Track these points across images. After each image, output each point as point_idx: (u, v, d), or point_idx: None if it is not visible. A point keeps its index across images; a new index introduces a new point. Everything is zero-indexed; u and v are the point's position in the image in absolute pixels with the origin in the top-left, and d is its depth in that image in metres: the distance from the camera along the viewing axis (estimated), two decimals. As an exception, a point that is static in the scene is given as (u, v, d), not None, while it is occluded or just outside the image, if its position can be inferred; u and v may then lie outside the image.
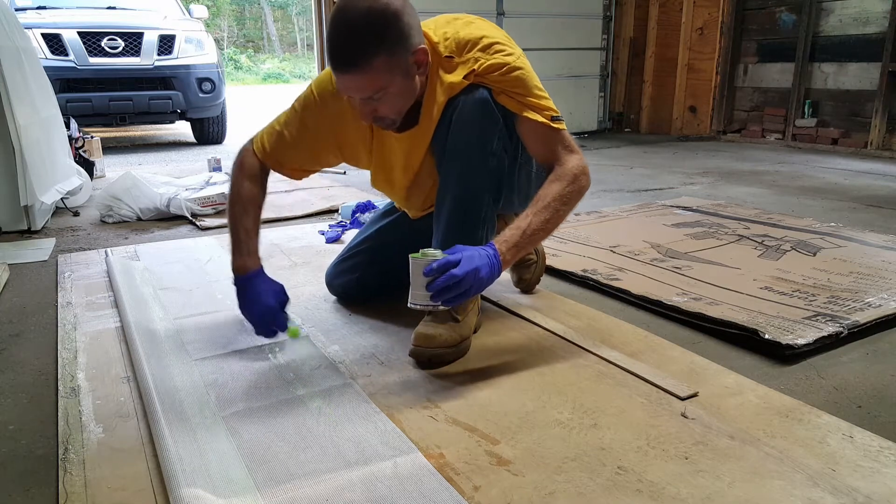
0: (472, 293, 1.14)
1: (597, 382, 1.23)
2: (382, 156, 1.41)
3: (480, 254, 1.15)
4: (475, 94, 1.26)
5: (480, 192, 1.30)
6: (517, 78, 1.26)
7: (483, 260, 1.15)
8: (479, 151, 1.28)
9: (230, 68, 20.10)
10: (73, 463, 0.99)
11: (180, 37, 5.01)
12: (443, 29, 1.29)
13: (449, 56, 1.27)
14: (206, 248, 2.17)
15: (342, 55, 1.14)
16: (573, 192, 1.25)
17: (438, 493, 0.90)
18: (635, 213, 2.62)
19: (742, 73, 5.32)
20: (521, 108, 1.26)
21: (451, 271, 1.11)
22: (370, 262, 1.57)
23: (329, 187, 3.26)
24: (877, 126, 4.41)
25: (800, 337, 1.36)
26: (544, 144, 1.29)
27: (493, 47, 1.26)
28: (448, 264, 1.12)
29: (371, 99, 1.19)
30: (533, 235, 1.22)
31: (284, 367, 1.29)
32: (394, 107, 1.24)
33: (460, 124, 1.27)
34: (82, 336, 1.47)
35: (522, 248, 1.22)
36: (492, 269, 1.16)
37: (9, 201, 2.37)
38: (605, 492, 0.91)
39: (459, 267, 1.12)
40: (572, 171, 1.26)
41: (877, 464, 0.97)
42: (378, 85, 1.17)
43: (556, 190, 1.24)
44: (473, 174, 1.29)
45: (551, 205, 1.23)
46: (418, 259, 1.16)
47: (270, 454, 1.00)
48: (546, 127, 1.26)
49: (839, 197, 3.02)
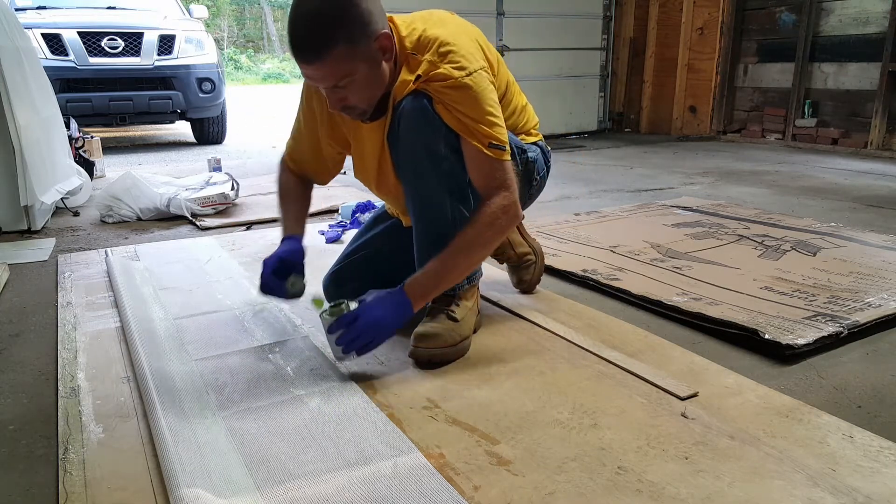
0: (377, 343, 1.22)
1: (597, 382, 1.23)
2: (358, 148, 1.40)
3: (386, 303, 1.21)
4: (415, 100, 1.23)
5: (438, 197, 1.28)
6: (463, 95, 1.20)
7: (387, 310, 1.20)
8: (427, 158, 1.25)
9: (230, 68, 20.08)
10: (73, 463, 0.99)
11: (180, 37, 5.01)
12: (415, 24, 1.27)
13: (413, 52, 1.24)
14: (206, 248, 2.17)
15: (301, 46, 1.14)
16: (490, 234, 1.25)
17: (438, 493, 0.90)
18: (635, 213, 2.62)
19: (742, 73, 5.32)
20: (459, 126, 1.22)
21: (351, 328, 1.19)
22: (366, 270, 1.55)
23: (329, 187, 3.25)
24: (877, 126, 4.41)
25: (800, 337, 1.36)
26: (477, 170, 1.25)
27: (449, 56, 1.21)
28: (344, 320, 1.20)
29: (337, 87, 1.18)
30: (445, 277, 1.26)
31: (284, 367, 1.29)
32: (362, 95, 1.21)
33: (405, 133, 1.25)
34: (82, 336, 1.47)
35: (434, 290, 1.26)
36: (397, 314, 1.21)
37: (9, 201, 2.37)
38: (605, 492, 0.91)
39: (358, 322, 1.19)
40: (492, 211, 1.23)
41: (877, 464, 0.97)
42: (340, 73, 1.16)
43: (472, 233, 1.24)
44: (426, 181, 1.27)
45: (465, 248, 1.24)
46: (324, 318, 1.24)
47: (270, 454, 1.00)
48: (481, 154, 1.22)
49: (839, 197, 3.02)
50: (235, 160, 4.50)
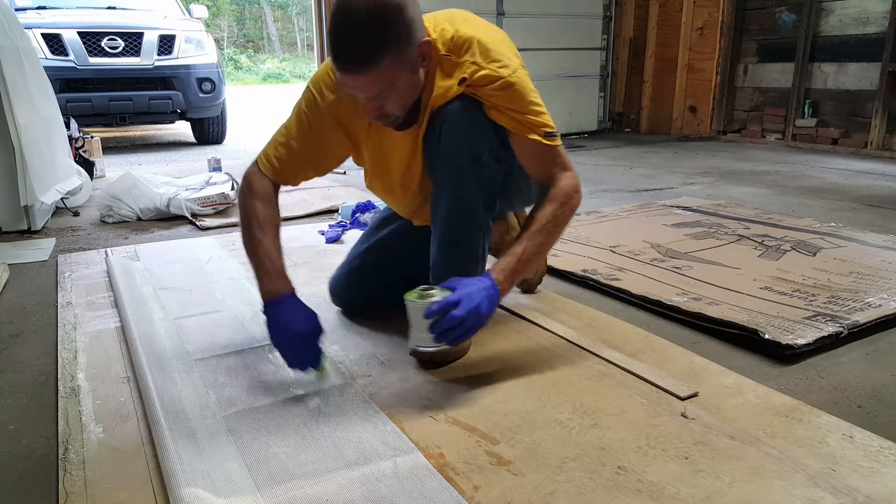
0: (474, 331, 1.13)
1: (597, 382, 1.23)
2: (380, 154, 1.35)
3: (479, 288, 1.13)
4: (464, 104, 1.22)
5: (473, 202, 1.28)
6: (512, 94, 1.20)
7: (482, 294, 1.13)
8: (470, 163, 1.25)
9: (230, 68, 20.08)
10: (73, 463, 0.99)
11: (180, 37, 5.01)
12: (441, 25, 1.24)
13: (446, 54, 1.22)
14: (206, 248, 2.17)
15: (349, 57, 1.09)
16: (565, 212, 1.24)
17: (438, 493, 0.90)
18: (635, 213, 2.62)
19: (742, 73, 5.32)
20: (514, 125, 1.22)
21: (452, 313, 1.09)
22: (374, 274, 1.52)
23: (329, 187, 3.26)
24: (877, 126, 4.41)
25: (800, 337, 1.36)
26: (537, 162, 1.27)
27: (490, 54, 1.21)
28: (448, 305, 1.10)
29: (378, 97, 1.15)
30: (528, 260, 1.22)
31: (284, 366, 1.29)
32: (400, 103, 1.19)
33: (450, 135, 1.23)
34: (82, 336, 1.47)
35: (519, 274, 1.21)
36: (491, 301, 1.14)
37: (9, 201, 2.37)
38: (605, 492, 0.91)
39: (460, 307, 1.10)
40: (564, 190, 1.24)
41: (877, 464, 0.97)
42: (385, 83, 1.13)
43: (549, 212, 1.23)
44: (465, 185, 1.27)
45: (545, 228, 1.22)
46: (416, 302, 1.13)
47: (270, 454, 1.00)
48: (539, 145, 1.23)
49: (839, 197, 3.02)
50: (235, 160, 4.50)
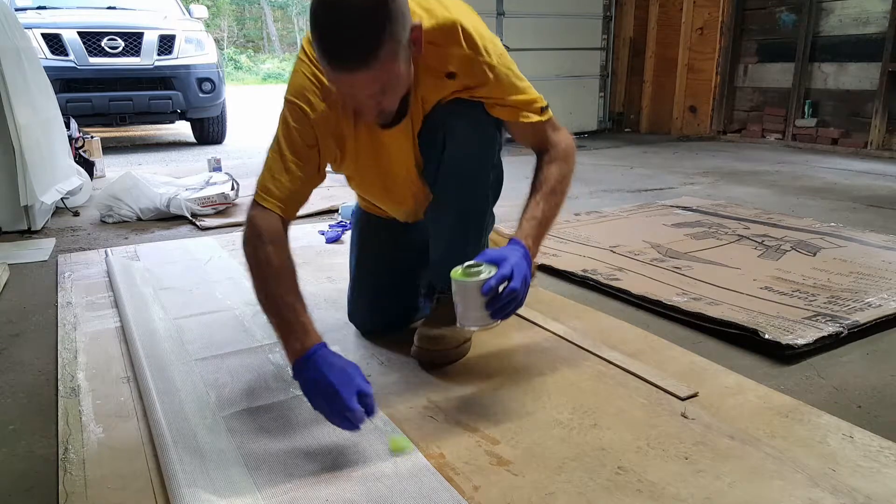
0: (524, 302, 1.09)
1: (597, 382, 1.23)
2: (372, 157, 1.25)
3: (520, 257, 1.08)
4: (471, 119, 1.19)
5: (484, 204, 1.28)
6: (505, 84, 1.17)
7: (525, 263, 1.09)
8: (481, 169, 1.24)
9: (230, 68, 20.08)
10: (73, 463, 0.99)
11: (180, 37, 5.01)
12: (414, 9, 1.09)
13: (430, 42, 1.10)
14: (206, 248, 2.17)
15: (347, 54, 0.96)
16: (570, 170, 1.24)
17: (438, 493, 0.90)
18: (635, 213, 2.62)
19: (742, 73, 5.32)
20: (516, 114, 1.20)
21: (511, 285, 1.04)
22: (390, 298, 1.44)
23: (329, 187, 3.25)
24: (877, 126, 4.40)
25: (800, 337, 1.36)
26: (536, 136, 1.25)
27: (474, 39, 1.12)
28: (504, 279, 1.04)
29: (378, 93, 1.04)
30: (548, 222, 1.19)
31: (284, 367, 1.29)
32: (397, 96, 1.09)
33: (457, 151, 1.20)
34: (82, 336, 1.47)
35: (542, 237, 1.18)
36: (530, 268, 1.10)
37: (9, 201, 2.37)
38: (605, 492, 0.91)
39: (514, 279, 1.04)
40: (565, 150, 1.24)
41: (877, 464, 0.97)
42: (385, 76, 1.01)
43: (557, 171, 1.21)
44: (476, 190, 1.26)
45: (557, 188, 1.20)
46: (469, 281, 1.04)
47: (270, 454, 1.00)
48: (535, 124, 1.22)
49: (839, 197, 3.02)
50: (235, 160, 4.50)
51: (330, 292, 1.69)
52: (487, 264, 1.06)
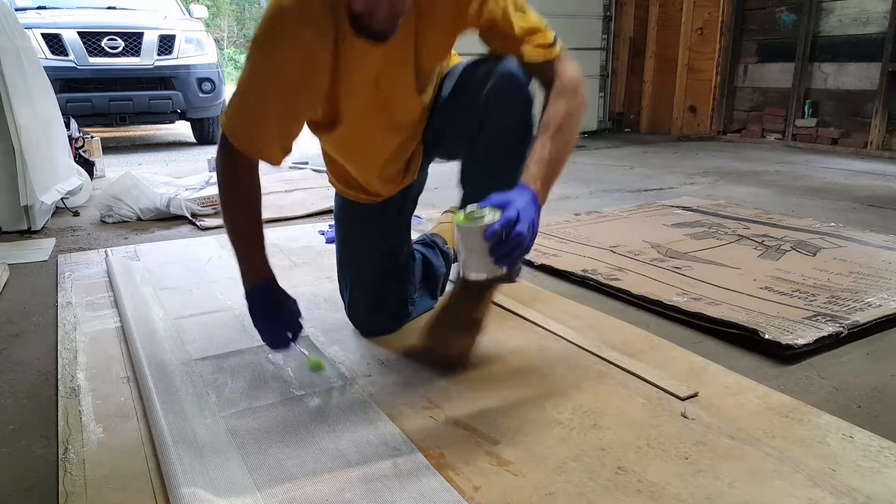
0: (530, 248, 1.03)
1: (597, 382, 1.23)
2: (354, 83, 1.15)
3: (527, 201, 1.01)
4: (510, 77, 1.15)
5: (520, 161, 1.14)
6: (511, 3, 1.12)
7: (533, 207, 1.02)
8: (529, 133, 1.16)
9: (230, 68, 20.04)
10: (73, 463, 0.99)
11: (180, 37, 5.01)
12: None
13: None
14: (206, 248, 2.17)
15: None
16: (579, 104, 1.15)
17: (438, 493, 0.90)
18: (635, 213, 2.62)
19: (742, 73, 5.32)
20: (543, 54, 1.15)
21: (516, 229, 0.98)
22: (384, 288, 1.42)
23: (329, 187, 3.25)
24: (877, 126, 4.41)
25: (800, 337, 1.36)
26: (546, 69, 1.18)
27: None
28: (509, 223, 0.98)
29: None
30: (557, 162, 1.10)
31: (284, 367, 1.29)
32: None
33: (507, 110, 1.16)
34: (82, 336, 1.47)
35: (552, 180, 1.10)
36: (538, 214, 1.04)
37: (9, 201, 2.37)
38: (605, 492, 0.91)
39: (520, 223, 0.98)
40: (572, 81, 1.15)
41: (877, 464, 0.97)
42: None
43: (563, 107, 1.12)
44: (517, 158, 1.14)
45: (564, 125, 1.10)
46: (472, 226, 0.99)
47: (270, 454, 1.00)
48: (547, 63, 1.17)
49: (839, 197, 3.02)
50: (235, 160, 4.50)
51: (330, 292, 1.69)
52: (492, 208, 1.01)
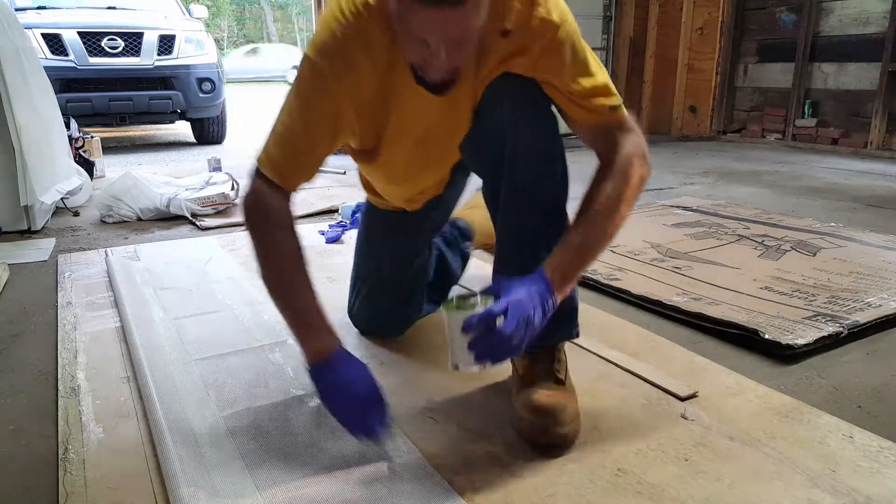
0: (523, 348, 0.90)
1: (597, 382, 1.23)
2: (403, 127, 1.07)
3: (531, 294, 0.90)
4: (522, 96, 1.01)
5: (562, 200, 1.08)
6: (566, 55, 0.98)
7: (535, 301, 0.90)
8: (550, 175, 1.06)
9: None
10: (73, 463, 0.99)
11: (180, 37, 5.01)
12: None
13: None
14: (206, 248, 2.17)
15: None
16: (632, 185, 0.99)
17: (438, 494, 0.90)
18: (635, 213, 2.62)
19: (742, 73, 5.32)
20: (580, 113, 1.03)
21: (499, 327, 0.87)
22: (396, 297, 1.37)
23: (329, 187, 3.26)
24: (877, 126, 4.41)
25: (800, 337, 1.36)
26: (604, 137, 1.04)
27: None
28: (490, 317, 0.88)
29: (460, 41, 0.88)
30: (589, 251, 0.97)
31: (284, 366, 1.29)
32: (467, 50, 0.92)
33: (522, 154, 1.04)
34: (82, 336, 1.47)
35: (580, 270, 0.98)
36: (545, 310, 0.91)
37: (9, 201, 2.37)
38: (605, 493, 0.91)
39: (507, 321, 0.87)
40: (628, 158, 1.00)
41: (877, 464, 0.97)
42: (471, 24, 0.87)
43: (610, 188, 0.98)
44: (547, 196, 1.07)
45: (608, 210, 0.98)
46: (454, 315, 0.91)
47: (270, 454, 1.00)
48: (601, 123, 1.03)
49: (839, 197, 3.02)
50: (235, 160, 4.49)
51: (330, 292, 1.68)
52: (486, 296, 0.92)
